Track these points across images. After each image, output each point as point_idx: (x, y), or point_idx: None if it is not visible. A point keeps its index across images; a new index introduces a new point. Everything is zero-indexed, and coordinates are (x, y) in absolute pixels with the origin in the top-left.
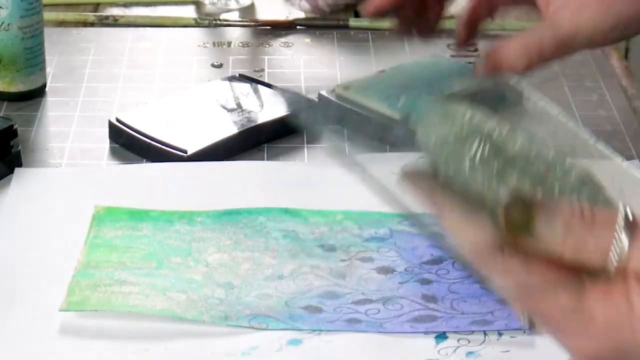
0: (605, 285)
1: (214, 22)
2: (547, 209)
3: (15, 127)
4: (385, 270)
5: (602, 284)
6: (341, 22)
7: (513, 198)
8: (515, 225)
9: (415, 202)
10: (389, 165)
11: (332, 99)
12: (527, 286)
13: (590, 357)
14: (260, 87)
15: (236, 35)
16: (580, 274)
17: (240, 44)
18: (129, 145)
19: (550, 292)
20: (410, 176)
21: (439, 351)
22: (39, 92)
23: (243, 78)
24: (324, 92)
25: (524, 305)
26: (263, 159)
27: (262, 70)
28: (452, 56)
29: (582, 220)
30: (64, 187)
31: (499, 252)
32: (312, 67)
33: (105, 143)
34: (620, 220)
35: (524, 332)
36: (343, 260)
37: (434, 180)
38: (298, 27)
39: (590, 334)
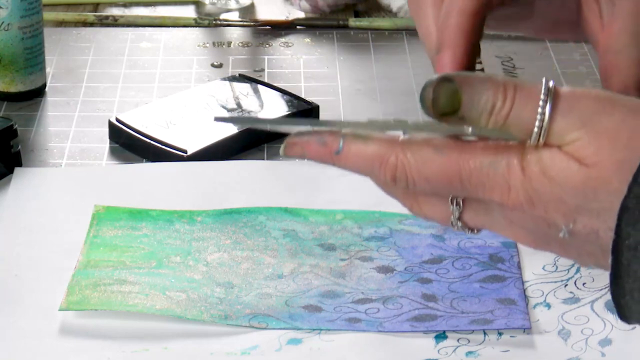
0: (522, 146)
1: (214, 22)
2: (470, 86)
3: (15, 127)
4: (385, 270)
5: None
6: (341, 22)
7: (439, 79)
8: (442, 108)
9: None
10: None
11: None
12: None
13: (515, 207)
14: (260, 87)
15: (236, 35)
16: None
17: (240, 44)
18: (129, 145)
19: (470, 152)
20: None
21: (438, 351)
22: (38, 92)
23: (243, 78)
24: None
25: (443, 172)
26: (263, 159)
27: (262, 70)
28: None
29: (505, 98)
30: (64, 187)
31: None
32: (312, 67)
33: (105, 143)
34: (542, 94)
35: (524, 331)
36: (343, 260)
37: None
38: (298, 27)
39: (510, 185)
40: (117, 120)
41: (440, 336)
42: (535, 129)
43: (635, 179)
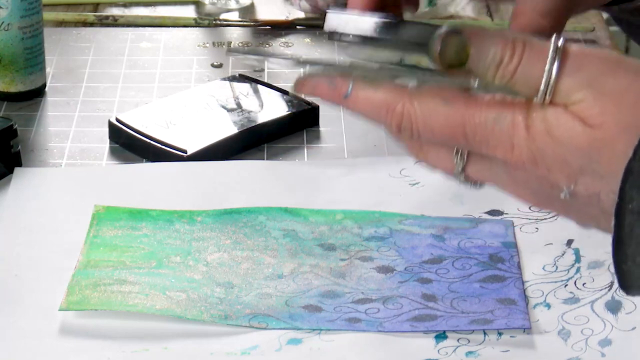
0: (529, 103)
1: (214, 22)
2: (480, 39)
3: (15, 127)
4: (385, 270)
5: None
6: None
7: (448, 31)
8: (449, 60)
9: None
10: (388, 169)
11: None
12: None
13: (518, 164)
14: (260, 87)
15: (236, 35)
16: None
17: (240, 44)
18: (129, 145)
19: (476, 106)
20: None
21: (438, 351)
22: (38, 92)
23: (243, 78)
24: None
25: (448, 126)
26: (263, 159)
27: (262, 70)
28: None
29: (514, 53)
30: (64, 187)
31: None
32: None
33: (105, 143)
34: (551, 52)
35: (524, 331)
36: (343, 260)
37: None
38: (298, 27)
39: (514, 142)
40: (117, 120)
41: (440, 336)
42: (542, 87)
43: None
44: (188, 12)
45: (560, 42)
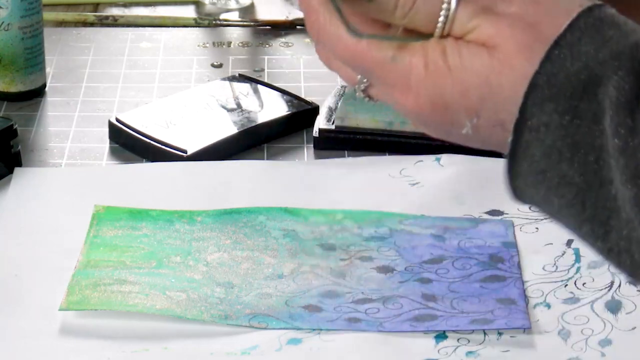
0: (427, 42)
1: (214, 22)
2: None
3: (15, 127)
4: (385, 270)
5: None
6: None
7: None
8: None
9: None
10: (388, 169)
11: None
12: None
13: (413, 110)
14: (260, 87)
15: (236, 35)
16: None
17: (240, 44)
18: (129, 145)
19: (375, 43)
20: None
21: (438, 351)
22: (38, 92)
23: (243, 78)
24: None
25: (350, 56)
26: (263, 159)
27: (262, 70)
28: None
29: None
30: (64, 187)
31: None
32: (312, 67)
33: (105, 143)
34: None
35: (524, 331)
36: (343, 260)
37: None
38: (298, 27)
39: (411, 84)
40: (117, 120)
41: (441, 336)
42: (441, 17)
43: (549, 55)
44: (188, 12)
45: None
